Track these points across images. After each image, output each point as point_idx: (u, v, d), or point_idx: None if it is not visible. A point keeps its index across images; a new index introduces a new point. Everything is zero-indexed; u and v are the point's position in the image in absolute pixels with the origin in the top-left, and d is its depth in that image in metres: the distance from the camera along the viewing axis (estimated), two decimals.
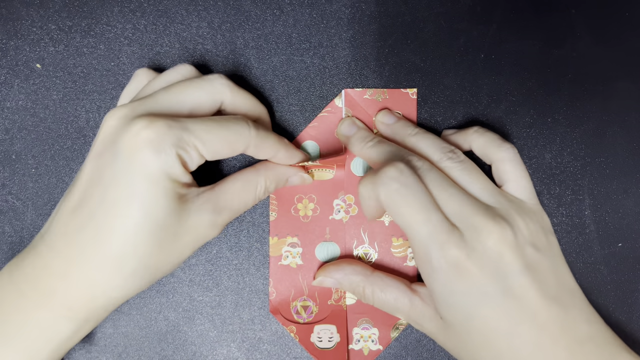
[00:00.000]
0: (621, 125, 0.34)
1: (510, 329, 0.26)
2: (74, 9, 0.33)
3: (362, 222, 0.33)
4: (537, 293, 0.26)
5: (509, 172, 0.30)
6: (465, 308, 0.26)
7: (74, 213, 0.25)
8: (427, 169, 0.28)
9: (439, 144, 0.30)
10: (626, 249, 0.33)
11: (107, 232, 0.25)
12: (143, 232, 0.25)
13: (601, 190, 0.33)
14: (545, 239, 0.28)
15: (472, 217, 0.27)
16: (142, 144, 0.24)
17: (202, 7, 0.33)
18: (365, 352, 0.33)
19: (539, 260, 0.27)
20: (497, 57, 0.34)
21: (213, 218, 0.27)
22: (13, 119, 0.33)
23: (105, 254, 0.25)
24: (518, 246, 0.27)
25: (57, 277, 0.25)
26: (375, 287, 0.30)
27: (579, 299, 0.28)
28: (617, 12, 0.34)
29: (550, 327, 0.26)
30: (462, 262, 0.26)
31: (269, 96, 0.33)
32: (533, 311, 0.26)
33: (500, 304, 0.26)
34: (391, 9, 0.34)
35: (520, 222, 0.27)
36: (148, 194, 0.24)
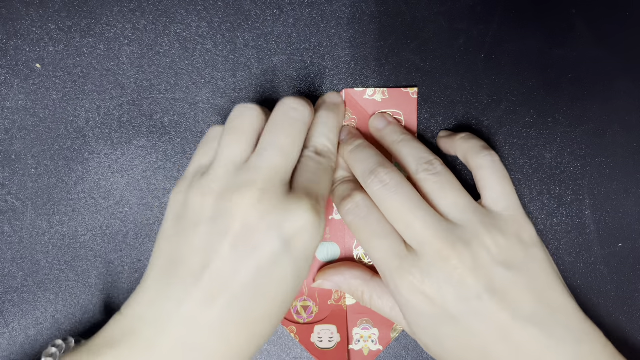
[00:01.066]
0: (621, 125, 0.34)
1: (483, 350, 0.25)
2: (74, 9, 0.33)
3: None
4: (507, 315, 0.25)
5: (486, 179, 0.28)
6: (433, 331, 0.26)
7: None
8: (394, 186, 0.27)
9: (419, 153, 0.29)
10: (626, 249, 0.33)
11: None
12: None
13: (601, 190, 0.33)
14: (524, 253, 0.26)
15: (431, 241, 0.26)
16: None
17: (202, 7, 0.33)
18: (365, 353, 0.33)
19: (511, 279, 0.25)
20: (497, 57, 0.34)
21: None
22: (13, 119, 0.33)
23: None
24: (481, 268, 0.25)
25: None
26: (373, 293, 0.30)
27: (568, 315, 0.25)
28: (617, 12, 0.34)
29: (529, 349, 0.24)
30: (418, 288, 0.26)
31: (269, 96, 0.33)
32: (505, 331, 0.25)
33: (467, 325, 0.25)
34: (391, 9, 0.34)
35: (489, 240, 0.26)
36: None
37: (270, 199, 0.24)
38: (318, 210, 0.25)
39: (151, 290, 0.25)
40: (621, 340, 0.33)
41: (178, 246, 0.24)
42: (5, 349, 0.33)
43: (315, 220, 0.25)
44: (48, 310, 0.33)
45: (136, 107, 0.33)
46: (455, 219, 0.27)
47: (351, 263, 0.32)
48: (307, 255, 0.25)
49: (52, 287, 0.33)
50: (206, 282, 0.23)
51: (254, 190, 0.24)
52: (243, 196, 0.24)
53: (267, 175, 0.25)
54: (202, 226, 0.24)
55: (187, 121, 0.33)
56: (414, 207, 0.26)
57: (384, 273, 0.27)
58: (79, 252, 0.33)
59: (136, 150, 0.33)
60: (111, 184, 0.33)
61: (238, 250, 0.23)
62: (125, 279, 0.33)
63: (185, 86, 0.33)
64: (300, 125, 0.27)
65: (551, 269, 0.27)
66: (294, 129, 0.27)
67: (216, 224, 0.24)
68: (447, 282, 0.25)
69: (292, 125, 0.26)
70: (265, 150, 0.25)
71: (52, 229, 0.33)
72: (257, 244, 0.24)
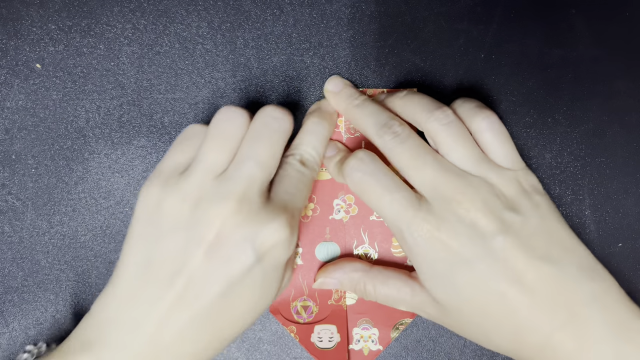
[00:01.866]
0: (621, 125, 0.34)
1: (500, 292, 0.25)
2: (74, 9, 0.33)
3: (362, 222, 0.33)
4: (521, 253, 0.25)
5: (489, 143, 0.28)
6: (450, 280, 0.26)
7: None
8: (406, 136, 0.28)
9: (380, 116, 0.29)
10: (626, 249, 0.33)
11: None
12: None
13: (601, 190, 0.33)
14: (531, 201, 0.27)
15: (442, 187, 0.26)
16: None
17: (202, 7, 0.33)
18: (365, 352, 0.33)
19: (521, 222, 0.26)
20: (497, 57, 0.34)
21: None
22: (13, 119, 0.33)
23: None
24: (493, 211, 0.26)
25: None
26: (376, 281, 0.30)
27: (579, 256, 0.26)
28: (617, 12, 0.34)
29: (543, 288, 0.25)
30: (434, 234, 0.26)
31: (269, 96, 0.33)
32: (519, 272, 0.25)
33: (483, 267, 0.25)
34: (391, 9, 0.34)
35: (497, 188, 0.27)
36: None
37: (246, 211, 0.25)
38: (292, 226, 0.26)
39: (124, 292, 0.25)
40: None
41: (152, 249, 0.25)
42: (5, 349, 0.33)
43: (289, 236, 0.26)
44: (48, 310, 0.33)
45: (136, 107, 0.33)
46: (466, 169, 0.27)
47: (349, 258, 0.32)
48: (277, 267, 0.26)
49: (52, 287, 0.33)
50: (179, 288, 0.24)
51: (230, 202, 0.25)
52: (220, 207, 0.24)
53: (244, 187, 0.25)
54: (178, 232, 0.25)
55: (187, 121, 0.33)
56: (425, 153, 0.27)
57: (400, 227, 0.27)
58: (79, 252, 0.33)
59: (136, 150, 0.33)
60: (111, 184, 0.33)
61: (211, 260, 0.24)
62: None
63: (185, 86, 0.33)
64: (280, 135, 0.27)
65: (558, 214, 0.28)
66: (274, 140, 0.27)
67: (192, 232, 0.24)
68: (461, 225, 0.26)
69: (271, 136, 0.27)
70: (244, 162, 0.26)
71: (52, 229, 0.33)
72: (231, 255, 0.24)
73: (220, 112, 0.27)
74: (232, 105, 0.28)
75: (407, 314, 0.33)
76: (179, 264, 0.24)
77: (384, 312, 0.33)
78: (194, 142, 0.27)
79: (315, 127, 0.30)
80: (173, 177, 0.26)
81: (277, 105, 0.28)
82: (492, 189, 0.27)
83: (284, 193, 0.27)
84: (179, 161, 0.27)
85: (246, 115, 0.27)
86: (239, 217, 0.24)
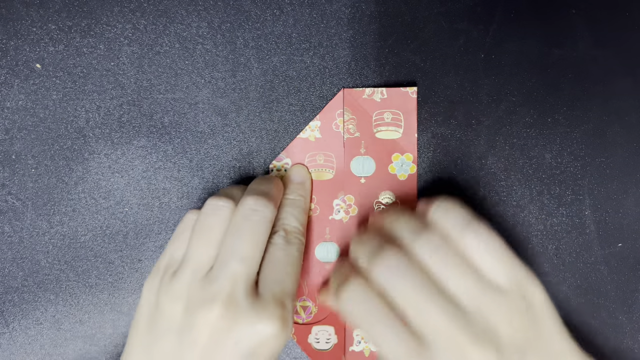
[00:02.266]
0: (621, 125, 0.34)
1: None
2: (74, 9, 0.33)
3: (362, 222, 0.33)
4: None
5: (486, 262, 0.26)
6: None
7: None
8: (404, 268, 0.25)
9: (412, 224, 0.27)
10: (626, 249, 0.33)
11: None
12: None
13: (601, 190, 0.33)
14: (536, 329, 0.25)
15: (449, 332, 0.24)
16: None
17: (202, 7, 0.33)
18: (366, 354, 0.33)
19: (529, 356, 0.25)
20: (497, 57, 0.34)
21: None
22: (13, 119, 0.33)
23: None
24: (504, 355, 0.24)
25: None
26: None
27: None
28: (617, 12, 0.34)
29: None
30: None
31: (269, 96, 0.33)
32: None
33: None
34: (391, 9, 0.34)
35: (505, 327, 0.25)
36: None
37: (233, 313, 0.25)
38: (284, 318, 0.26)
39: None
40: (621, 340, 0.33)
41: (150, 349, 0.26)
42: (6, 348, 0.33)
43: (279, 330, 0.26)
44: (48, 310, 0.33)
45: (136, 107, 0.33)
46: (467, 304, 0.25)
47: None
48: (273, 353, 0.26)
49: (52, 287, 0.33)
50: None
51: (217, 305, 0.25)
52: (207, 311, 0.25)
53: (229, 288, 0.26)
54: (172, 335, 0.26)
55: (187, 121, 0.33)
56: (429, 292, 0.25)
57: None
58: (79, 252, 0.33)
59: (136, 150, 0.33)
60: (111, 184, 0.33)
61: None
62: (125, 279, 0.33)
63: (185, 86, 0.33)
64: (262, 226, 0.27)
65: (555, 322, 0.26)
66: (255, 232, 0.27)
67: (184, 336, 0.26)
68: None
69: (252, 228, 0.27)
70: (227, 261, 0.26)
71: (52, 229, 0.33)
72: (222, 357, 0.25)
73: (206, 204, 0.28)
74: (218, 196, 0.28)
75: None
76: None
77: None
78: (186, 235, 0.28)
79: (291, 197, 0.31)
80: (167, 275, 0.27)
81: (257, 195, 0.28)
82: (500, 327, 0.24)
83: (272, 283, 0.27)
84: (174, 257, 0.28)
85: (230, 206, 0.28)
86: (227, 321, 0.25)
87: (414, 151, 0.33)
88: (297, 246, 0.29)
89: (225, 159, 0.33)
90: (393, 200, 0.33)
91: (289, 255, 0.28)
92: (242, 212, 0.27)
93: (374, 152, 0.33)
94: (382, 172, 0.33)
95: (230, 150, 0.33)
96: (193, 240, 0.27)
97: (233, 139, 0.33)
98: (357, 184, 0.33)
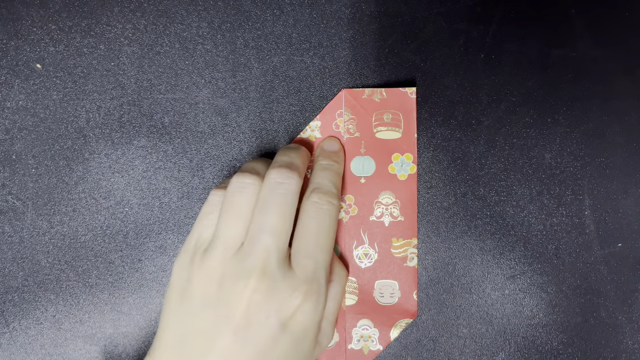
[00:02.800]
0: (621, 125, 0.34)
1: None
2: (74, 9, 0.33)
3: (362, 222, 0.33)
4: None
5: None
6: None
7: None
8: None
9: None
10: (626, 249, 0.33)
11: None
12: None
13: (601, 190, 0.33)
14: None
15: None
16: None
17: (202, 7, 0.33)
18: (365, 352, 0.33)
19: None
20: (497, 57, 0.34)
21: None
22: (13, 119, 0.33)
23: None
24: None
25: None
26: None
27: None
28: (617, 12, 0.34)
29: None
30: None
31: (269, 96, 0.33)
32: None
33: None
34: (391, 9, 0.34)
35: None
36: None
37: (267, 287, 0.26)
38: (315, 291, 0.27)
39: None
40: (621, 340, 0.33)
41: (185, 325, 0.26)
42: (6, 348, 0.33)
43: (313, 303, 0.26)
44: (48, 310, 0.33)
45: (136, 107, 0.33)
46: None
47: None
48: (306, 331, 0.27)
49: (53, 286, 0.33)
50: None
51: (251, 280, 0.26)
52: (242, 286, 0.26)
53: (262, 262, 0.26)
54: (206, 311, 0.26)
55: (187, 121, 0.33)
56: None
57: None
58: (80, 252, 0.33)
59: (136, 150, 0.33)
60: (111, 184, 0.33)
61: (238, 337, 0.25)
62: (125, 279, 0.33)
63: (185, 86, 0.33)
64: (289, 197, 0.28)
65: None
66: (282, 204, 0.27)
67: (220, 310, 0.26)
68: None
69: (279, 201, 0.27)
70: (258, 235, 0.27)
71: (52, 228, 0.33)
72: (256, 330, 0.26)
73: (232, 182, 0.28)
74: (243, 173, 0.28)
75: (407, 313, 0.33)
76: (210, 340, 0.26)
77: (384, 312, 0.33)
78: (214, 215, 0.29)
79: (326, 165, 0.31)
80: (198, 253, 0.28)
81: (281, 168, 0.28)
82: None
83: (303, 257, 0.27)
84: (203, 236, 0.28)
85: (257, 182, 0.28)
86: (261, 294, 0.26)
87: (414, 151, 0.33)
88: (330, 211, 0.29)
89: (225, 159, 0.33)
90: (393, 200, 0.33)
91: (320, 224, 0.28)
92: (268, 186, 0.28)
93: (374, 152, 0.33)
94: (382, 172, 0.33)
95: (230, 150, 0.33)
96: (222, 218, 0.27)
97: (233, 139, 0.33)
98: (357, 184, 0.33)
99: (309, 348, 0.27)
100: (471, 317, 0.34)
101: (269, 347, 0.26)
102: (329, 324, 0.30)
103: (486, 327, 0.34)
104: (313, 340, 0.28)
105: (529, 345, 0.34)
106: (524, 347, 0.34)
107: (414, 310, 0.33)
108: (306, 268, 0.27)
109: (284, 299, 0.26)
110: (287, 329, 0.26)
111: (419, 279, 0.33)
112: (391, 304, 0.33)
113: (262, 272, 0.26)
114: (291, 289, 0.26)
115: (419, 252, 0.34)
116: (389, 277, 0.33)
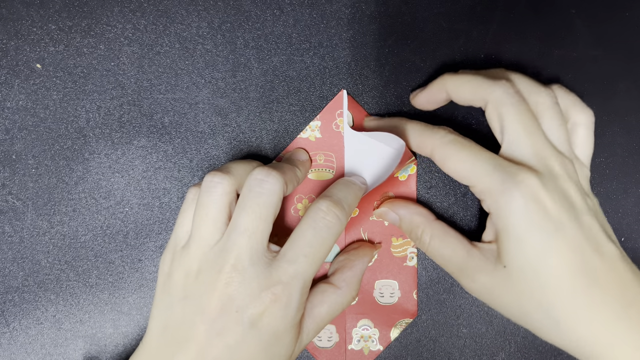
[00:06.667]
0: (621, 125, 0.34)
1: (585, 262, 0.26)
2: (74, 9, 0.33)
3: (362, 222, 0.33)
4: (600, 233, 0.27)
5: (581, 137, 0.30)
6: (540, 242, 0.26)
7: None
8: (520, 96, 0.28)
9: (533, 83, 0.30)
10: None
11: None
12: None
13: (601, 190, 0.33)
14: (592, 199, 0.29)
15: (549, 159, 0.28)
16: None
17: (202, 7, 0.33)
18: (366, 352, 0.33)
19: (596, 210, 0.28)
20: (497, 57, 0.34)
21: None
22: (13, 119, 0.33)
23: None
24: (582, 193, 0.28)
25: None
26: (435, 232, 0.30)
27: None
28: (617, 12, 0.34)
29: (617, 264, 0.27)
30: (535, 196, 0.26)
31: (269, 96, 0.33)
32: (600, 246, 0.27)
33: (573, 234, 0.26)
34: (391, 9, 0.34)
35: (581, 178, 0.29)
36: None
37: (238, 281, 0.26)
38: (285, 296, 0.27)
39: (147, 354, 0.28)
40: None
41: (167, 316, 0.28)
42: (6, 348, 0.33)
43: (280, 304, 0.26)
44: (49, 309, 0.33)
45: (136, 107, 0.33)
46: (561, 150, 0.29)
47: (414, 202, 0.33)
48: (276, 333, 0.27)
49: (53, 286, 0.33)
50: (190, 351, 0.26)
51: (223, 273, 0.26)
52: (215, 278, 0.27)
53: (233, 258, 0.26)
54: (183, 302, 0.27)
55: (187, 121, 0.33)
56: (537, 122, 0.28)
57: (496, 184, 0.27)
58: (80, 252, 0.33)
59: (136, 150, 0.33)
60: (111, 184, 0.33)
61: (211, 330, 0.26)
62: (125, 278, 0.33)
63: (185, 86, 0.33)
64: (267, 197, 0.27)
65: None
66: (259, 203, 0.27)
67: (194, 302, 0.27)
68: (560, 196, 0.27)
69: (256, 200, 0.27)
70: (230, 233, 0.27)
71: (52, 228, 0.33)
72: (226, 322, 0.26)
73: (203, 181, 0.28)
74: (214, 172, 0.28)
75: (407, 313, 0.33)
76: (187, 330, 0.27)
77: (384, 312, 0.33)
78: (190, 213, 0.29)
79: (347, 181, 0.30)
80: (177, 250, 0.29)
81: (262, 167, 0.28)
82: (577, 176, 0.28)
83: (285, 261, 0.27)
84: (180, 234, 0.29)
85: (225, 181, 0.28)
86: (232, 288, 0.26)
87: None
88: (333, 225, 0.28)
89: (225, 159, 0.33)
90: None
91: (317, 235, 0.27)
92: (247, 184, 0.28)
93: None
94: None
95: (230, 150, 0.33)
96: (195, 216, 0.28)
97: (233, 139, 0.33)
98: None
99: (285, 351, 0.27)
100: (471, 317, 0.34)
101: (239, 342, 0.26)
102: (315, 324, 0.29)
103: (486, 327, 0.34)
104: (290, 343, 0.28)
105: (529, 345, 0.34)
106: (524, 347, 0.34)
107: (413, 310, 0.33)
108: (285, 272, 0.27)
109: (254, 296, 0.26)
110: (255, 328, 0.26)
111: (419, 279, 0.33)
112: (391, 304, 0.33)
113: (233, 267, 0.26)
114: (261, 288, 0.26)
115: (418, 251, 0.34)
116: (388, 277, 0.33)
